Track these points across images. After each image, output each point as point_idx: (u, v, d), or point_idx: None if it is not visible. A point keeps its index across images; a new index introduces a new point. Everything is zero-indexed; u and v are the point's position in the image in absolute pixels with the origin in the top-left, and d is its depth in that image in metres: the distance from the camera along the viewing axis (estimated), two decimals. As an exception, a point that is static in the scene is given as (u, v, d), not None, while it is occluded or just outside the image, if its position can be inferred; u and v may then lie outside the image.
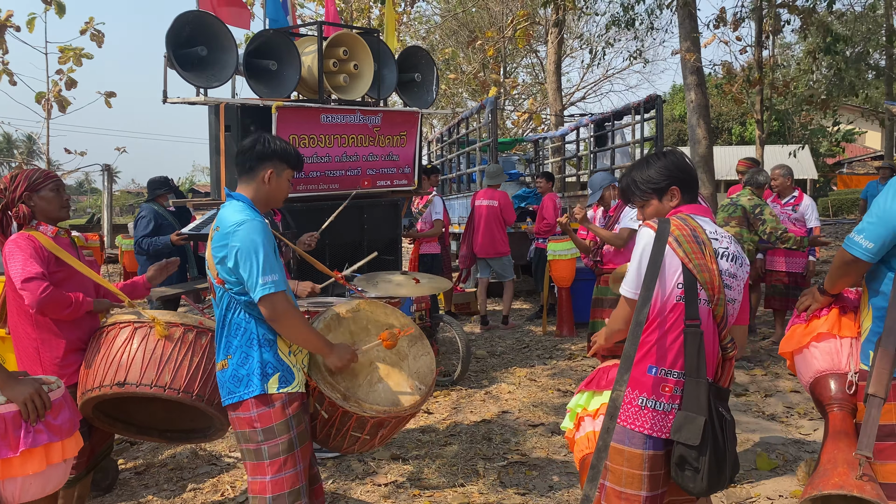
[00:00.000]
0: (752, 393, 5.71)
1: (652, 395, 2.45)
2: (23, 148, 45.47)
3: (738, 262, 2.53)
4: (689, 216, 2.53)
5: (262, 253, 2.56)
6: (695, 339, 2.39)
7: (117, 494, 4.04)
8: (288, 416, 2.67)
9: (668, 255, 2.44)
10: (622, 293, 2.56)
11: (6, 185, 3.22)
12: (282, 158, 2.79)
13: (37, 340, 3.20)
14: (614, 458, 2.48)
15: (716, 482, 2.37)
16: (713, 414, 2.35)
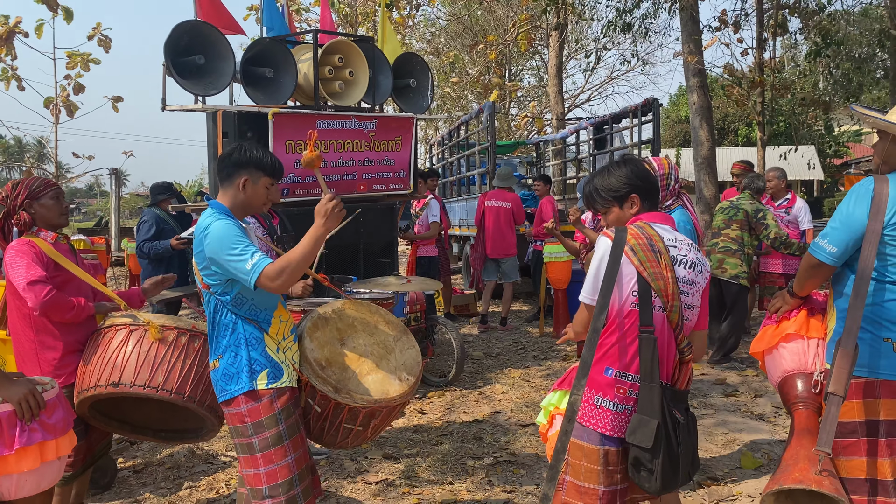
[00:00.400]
0: (743, 393, 5.78)
1: (607, 395, 2.54)
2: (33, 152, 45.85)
3: (697, 268, 2.61)
4: (647, 224, 2.61)
5: (232, 246, 2.62)
6: (648, 344, 2.47)
7: (115, 492, 4.16)
8: (276, 409, 2.76)
9: (624, 263, 2.53)
10: (581, 299, 2.66)
11: (8, 194, 3.35)
12: (258, 166, 2.86)
13: (35, 342, 3.32)
14: (574, 452, 2.58)
15: (670, 482, 2.46)
16: (666, 417, 2.44)
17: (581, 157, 11.94)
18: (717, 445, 4.70)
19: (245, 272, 2.59)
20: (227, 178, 2.86)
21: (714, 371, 6.45)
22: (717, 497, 3.95)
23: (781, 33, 14.35)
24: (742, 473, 4.26)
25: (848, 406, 2.62)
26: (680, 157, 31.85)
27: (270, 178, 2.91)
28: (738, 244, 6.43)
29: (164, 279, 3.83)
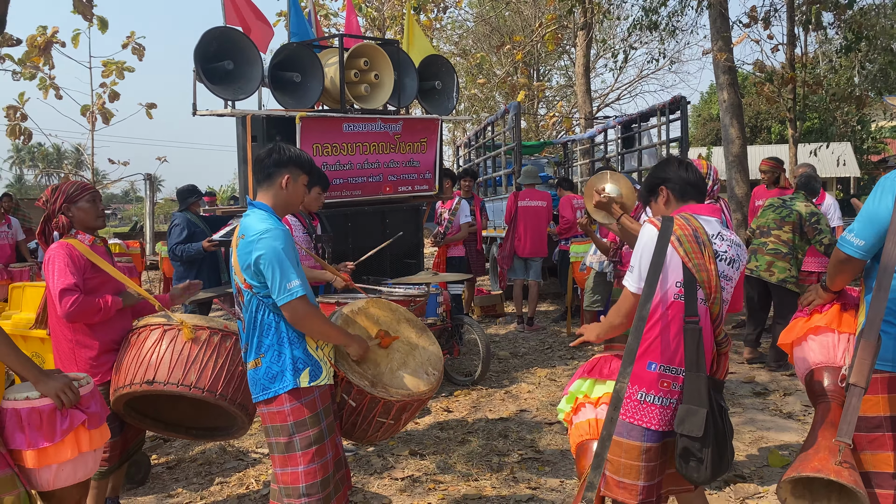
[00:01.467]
0: (772, 392, 5.73)
1: (651, 389, 2.57)
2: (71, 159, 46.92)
3: (735, 265, 2.63)
4: (692, 216, 2.64)
5: (283, 261, 2.71)
6: (694, 335, 2.50)
7: (149, 487, 4.28)
8: (318, 408, 2.84)
9: (670, 253, 2.56)
10: (625, 285, 2.68)
11: (48, 198, 3.48)
12: (297, 165, 2.94)
13: (73, 342, 3.43)
14: (613, 449, 2.61)
15: (718, 470, 2.49)
16: (713, 405, 2.46)
17: (609, 157, 11.89)
18: (744, 443, 4.67)
19: (279, 289, 2.70)
20: (266, 178, 2.92)
21: (743, 369, 6.40)
22: (744, 495, 3.94)
23: (814, 28, 14.13)
24: (769, 472, 4.24)
25: (873, 401, 2.61)
26: (711, 155, 31.48)
27: (308, 175, 2.98)
28: (789, 247, 6.22)
29: (190, 286, 3.94)
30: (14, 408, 2.68)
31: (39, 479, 2.76)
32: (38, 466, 2.70)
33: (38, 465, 2.70)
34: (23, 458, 2.69)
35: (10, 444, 2.67)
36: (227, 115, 5.60)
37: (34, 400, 2.69)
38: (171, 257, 6.84)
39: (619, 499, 2.64)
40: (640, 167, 10.20)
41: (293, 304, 2.71)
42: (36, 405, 2.69)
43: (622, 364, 2.54)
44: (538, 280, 8.55)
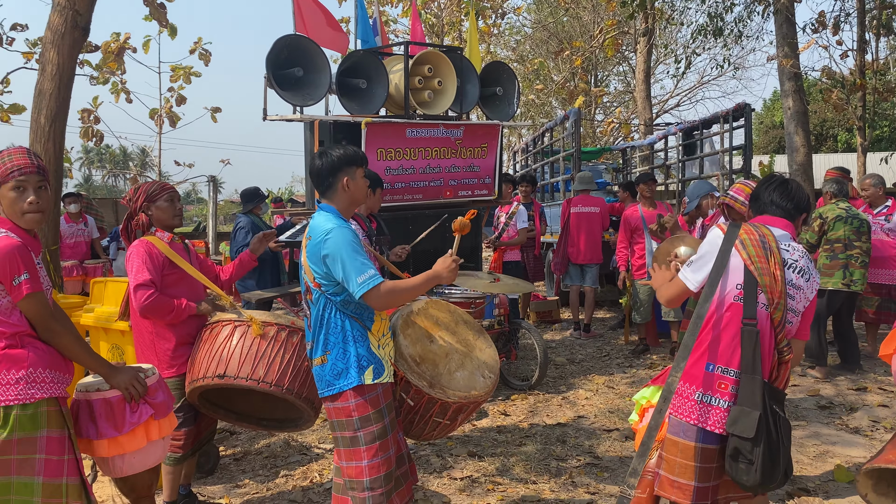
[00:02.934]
0: (837, 406, 5.60)
1: (708, 390, 2.59)
2: (137, 161, 48.57)
3: (806, 276, 2.62)
4: (762, 225, 2.67)
5: (352, 255, 2.79)
6: (750, 337, 2.51)
7: (218, 477, 4.44)
8: (382, 404, 2.92)
9: (733, 255, 2.59)
10: (679, 275, 2.73)
11: (131, 196, 3.67)
12: (350, 162, 2.99)
13: (153, 334, 3.61)
14: (669, 448, 2.63)
15: (769, 476, 2.47)
16: (767, 410, 2.46)
17: (669, 164, 11.75)
18: (808, 457, 4.59)
19: (355, 284, 2.76)
20: (329, 187, 2.99)
21: (806, 382, 6.26)
22: (808, 508, 3.88)
23: (885, 33, 13.70)
24: (835, 487, 4.16)
25: None
26: (773, 163, 30.69)
27: (362, 167, 3.05)
28: (869, 256, 6.38)
29: (266, 235, 4.11)
30: (87, 399, 2.85)
31: (112, 466, 2.91)
32: (109, 455, 2.85)
33: (110, 454, 2.85)
34: (95, 448, 2.84)
35: (83, 434, 2.83)
36: (296, 121, 5.77)
37: (105, 391, 2.84)
38: None
39: (673, 498, 2.66)
40: (700, 175, 10.06)
41: (372, 294, 2.76)
42: (107, 396, 2.84)
43: (676, 359, 2.60)
44: (594, 286, 8.51)
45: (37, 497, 2.67)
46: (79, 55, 6.58)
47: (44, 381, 2.69)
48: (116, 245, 10.18)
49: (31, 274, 2.64)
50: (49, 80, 6.00)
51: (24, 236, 2.72)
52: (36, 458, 2.67)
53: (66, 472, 2.71)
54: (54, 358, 2.75)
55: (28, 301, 2.65)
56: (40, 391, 2.67)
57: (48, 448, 2.68)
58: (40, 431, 2.67)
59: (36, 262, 2.72)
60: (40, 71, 6.10)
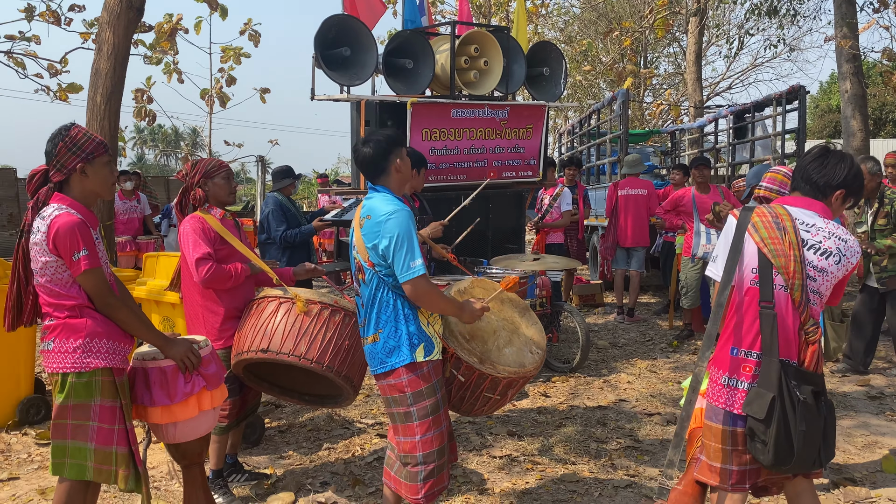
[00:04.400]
0: (888, 396, 5.47)
1: (733, 374, 2.59)
2: (188, 140, 49.57)
3: (834, 258, 2.53)
4: (780, 206, 2.63)
5: (410, 241, 2.85)
6: (768, 319, 2.50)
7: (263, 448, 4.57)
8: (433, 380, 2.98)
9: (746, 240, 2.59)
10: (707, 274, 2.78)
11: (187, 172, 3.75)
12: (397, 143, 3.04)
13: (203, 307, 3.71)
14: (706, 434, 2.64)
15: (784, 457, 2.45)
16: (784, 391, 2.44)
17: (720, 147, 11.52)
18: (855, 447, 4.50)
19: (403, 267, 2.83)
20: (382, 171, 3.02)
21: (856, 373, 6.12)
22: (854, 498, 3.81)
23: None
24: (883, 477, 4.08)
25: None
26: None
27: (405, 147, 3.09)
28: None
29: (315, 270, 4.16)
30: (143, 367, 2.95)
31: (166, 433, 3.02)
32: (163, 422, 2.96)
33: (163, 421, 2.95)
34: (149, 414, 2.95)
35: (138, 400, 2.94)
36: (343, 101, 5.82)
37: (160, 360, 2.94)
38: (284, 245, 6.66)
39: (712, 482, 2.67)
40: (752, 158, 9.84)
41: (415, 282, 2.83)
42: (161, 365, 2.94)
43: (701, 348, 2.60)
44: (640, 270, 8.41)
45: (90, 461, 2.80)
46: (133, 35, 6.73)
47: (100, 351, 2.79)
48: (168, 222, 10.43)
49: (89, 250, 2.74)
50: (105, 59, 6.16)
51: (84, 212, 2.82)
52: (89, 425, 2.79)
53: (116, 440, 2.81)
54: (112, 329, 2.86)
55: (86, 276, 2.75)
56: (96, 360, 2.78)
57: (101, 416, 2.79)
58: (94, 399, 2.78)
59: (95, 237, 2.83)
60: (97, 51, 6.27)
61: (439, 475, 3.00)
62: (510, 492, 3.91)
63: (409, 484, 2.99)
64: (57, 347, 2.79)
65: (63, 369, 2.77)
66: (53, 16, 10.17)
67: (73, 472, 2.81)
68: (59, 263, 2.77)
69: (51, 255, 2.75)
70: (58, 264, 2.77)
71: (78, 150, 2.80)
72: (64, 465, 2.82)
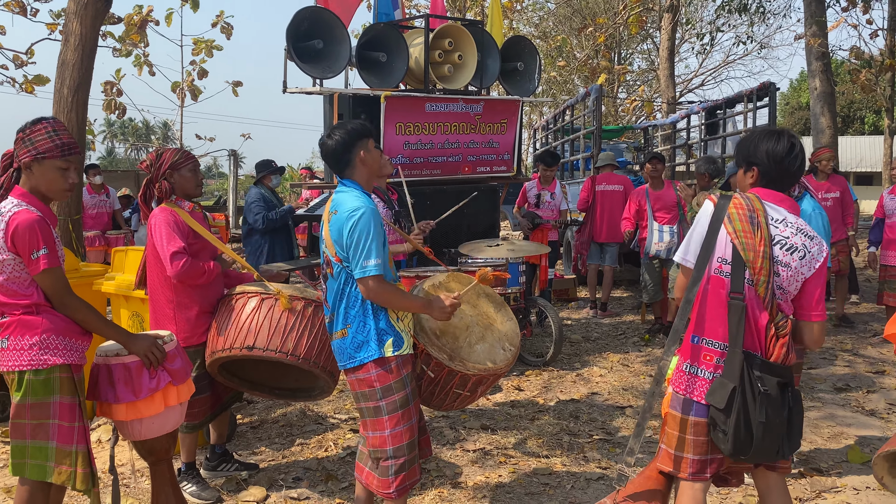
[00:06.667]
0: (854, 388, 5.57)
1: (695, 362, 2.61)
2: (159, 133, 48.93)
3: (799, 254, 2.53)
4: (757, 198, 2.60)
5: (369, 239, 2.83)
6: (736, 310, 2.51)
7: (235, 444, 4.52)
8: (403, 374, 2.96)
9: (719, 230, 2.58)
10: (674, 258, 2.76)
11: (152, 162, 3.64)
12: (360, 135, 3.00)
13: (174, 302, 3.62)
14: (669, 422, 2.67)
15: (743, 447, 2.48)
16: (745, 382, 2.47)
17: (691, 143, 11.64)
18: (822, 438, 4.58)
19: (358, 264, 2.82)
20: (347, 164, 3.00)
21: (823, 365, 6.23)
22: (820, 488, 3.88)
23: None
24: (848, 467, 4.15)
25: None
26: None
27: (372, 138, 3.05)
28: None
29: (279, 275, 4.12)
30: (106, 364, 2.90)
31: (131, 430, 2.96)
32: (128, 419, 2.90)
33: (128, 418, 2.90)
34: (114, 411, 2.90)
35: (102, 398, 2.88)
36: (316, 94, 5.78)
37: (123, 357, 2.89)
38: (265, 229, 6.79)
39: (669, 470, 2.67)
40: (723, 154, 9.95)
41: (365, 281, 2.83)
42: (125, 361, 2.88)
43: (667, 342, 2.61)
44: (613, 265, 8.48)
45: (51, 461, 2.72)
46: (101, 26, 6.63)
47: (57, 348, 2.73)
48: (138, 216, 10.28)
49: (49, 249, 2.67)
50: (72, 50, 6.05)
51: (43, 209, 2.75)
52: (50, 423, 2.72)
53: (77, 438, 2.75)
54: (69, 326, 2.79)
55: (45, 275, 2.69)
56: (53, 357, 2.71)
57: (61, 414, 2.73)
58: (53, 397, 2.72)
59: (54, 235, 2.76)
60: (63, 41, 6.16)
61: (410, 469, 2.99)
62: (483, 485, 3.92)
63: (380, 478, 2.98)
64: (11, 345, 2.72)
65: (19, 367, 2.70)
66: (19, 6, 9.97)
67: (35, 472, 2.75)
68: (16, 262, 2.70)
69: (8, 252, 2.68)
70: (15, 262, 2.70)
71: (30, 146, 2.72)
72: (24, 466, 2.74)
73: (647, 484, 2.80)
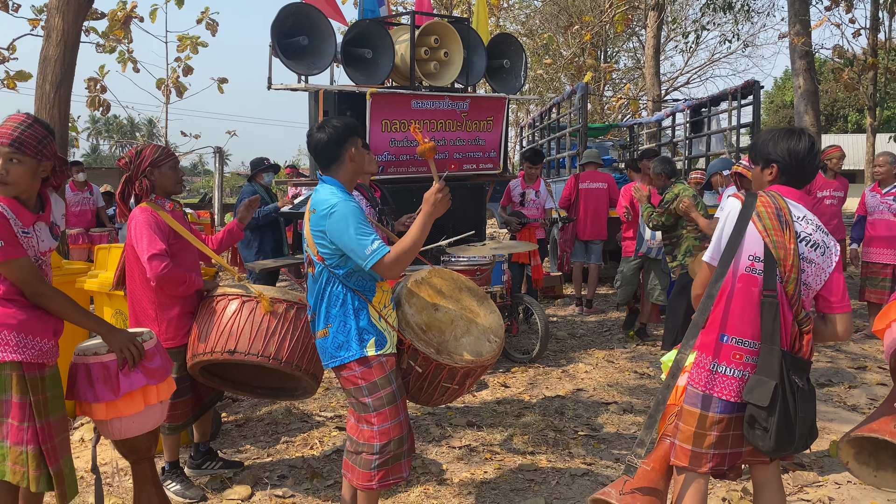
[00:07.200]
0: (836, 384, 5.63)
1: (723, 361, 2.61)
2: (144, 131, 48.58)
3: (820, 250, 2.59)
4: (780, 196, 2.63)
5: (357, 228, 2.80)
6: (770, 308, 2.52)
7: (220, 443, 4.50)
8: (388, 371, 2.96)
9: (749, 227, 2.58)
10: (704, 259, 2.75)
11: (131, 159, 3.57)
12: (352, 132, 2.97)
13: (155, 303, 3.57)
14: (686, 419, 2.66)
15: (784, 443, 2.50)
16: (784, 380, 2.48)
17: (677, 141, 11.70)
18: (805, 433, 4.62)
19: (363, 256, 2.78)
20: (335, 159, 2.96)
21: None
22: (803, 482, 3.92)
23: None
24: (830, 462, 4.20)
25: None
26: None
27: (361, 137, 3.03)
28: None
29: (250, 201, 4.05)
30: (84, 363, 2.85)
31: (111, 429, 2.92)
32: (107, 418, 2.86)
33: (108, 417, 2.86)
34: (93, 411, 2.85)
35: (81, 397, 2.84)
36: (301, 90, 5.76)
37: (102, 355, 2.84)
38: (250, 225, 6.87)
39: (681, 464, 2.68)
40: (708, 152, 10.02)
41: (380, 264, 2.79)
42: (104, 360, 2.84)
43: (686, 336, 2.60)
44: (598, 263, 8.51)
45: (7, 461, 2.65)
46: (84, 22, 6.56)
47: (8, 344, 2.64)
48: (122, 214, 10.21)
49: (6, 241, 2.60)
50: (54, 46, 5.99)
51: (11, 204, 2.68)
52: (3, 422, 2.65)
53: (26, 439, 2.66)
54: (28, 323, 2.70)
55: (5, 267, 2.63)
56: (3, 353, 2.63)
57: (12, 413, 2.65)
58: (5, 394, 2.64)
59: (23, 230, 2.67)
60: (45, 37, 6.09)
61: (395, 464, 2.99)
62: (469, 482, 3.93)
63: (361, 471, 2.97)
64: None
65: None
66: (1, 1, 9.85)
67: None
68: None
69: None
70: None
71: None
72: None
73: (650, 476, 2.81)
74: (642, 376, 5.90)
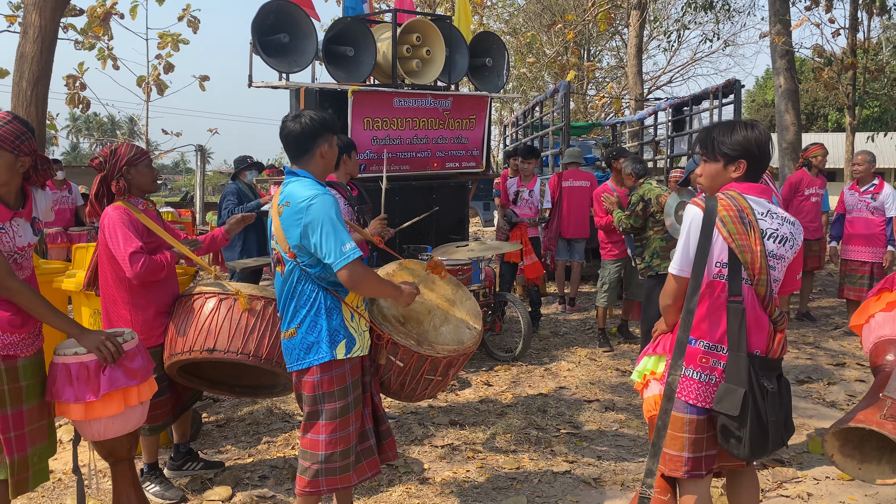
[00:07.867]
0: (815, 381, 5.68)
1: (690, 364, 2.58)
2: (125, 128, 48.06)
3: (788, 244, 2.57)
4: (740, 195, 2.57)
5: (336, 225, 2.70)
6: (736, 314, 2.49)
7: (200, 443, 4.46)
8: (348, 381, 2.86)
9: (714, 235, 2.53)
10: (669, 271, 2.67)
11: (106, 158, 3.51)
12: (328, 127, 2.90)
13: (129, 303, 3.52)
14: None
15: (759, 448, 2.49)
16: (754, 386, 2.46)
17: (659, 139, 11.76)
18: (784, 430, 4.66)
19: (339, 253, 2.67)
20: (306, 152, 2.88)
21: (785, 357, 6.34)
22: (782, 478, 3.95)
23: (878, 12, 13.66)
24: (809, 458, 4.23)
25: None
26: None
27: (336, 135, 2.96)
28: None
29: (244, 217, 4.03)
30: (63, 363, 2.81)
31: (90, 430, 2.89)
32: (86, 419, 2.82)
33: (87, 418, 2.82)
34: (72, 411, 2.81)
35: (61, 397, 2.80)
36: (282, 88, 5.72)
37: (82, 355, 2.80)
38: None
39: (667, 471, 2.67)
40: (689, 151, 10.07)
41: (351, 267, 2.68)
42: (83, 360, 2.80)
43: (673, 356, 2.55)
44: (581, 261, 8.52)
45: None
46: (61, 18, 6.48)
47: None
48: (102, 212, 10.11)
49: None
50: (31, 43, 5.91)
51: None
52: None
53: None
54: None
55: None
56: None
57: None
58: None
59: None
60: (22, 34, 6.01)
61: (342, 475, 2.90)
62: (451, 481, 3.92)
63: (300, 476, 2.91)
64: None
65: None
66: (-24, -4, 9.71)
67: None
68: None
69: None
70: None
71: None
72: None
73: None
74: (624, 374, 5.92)
